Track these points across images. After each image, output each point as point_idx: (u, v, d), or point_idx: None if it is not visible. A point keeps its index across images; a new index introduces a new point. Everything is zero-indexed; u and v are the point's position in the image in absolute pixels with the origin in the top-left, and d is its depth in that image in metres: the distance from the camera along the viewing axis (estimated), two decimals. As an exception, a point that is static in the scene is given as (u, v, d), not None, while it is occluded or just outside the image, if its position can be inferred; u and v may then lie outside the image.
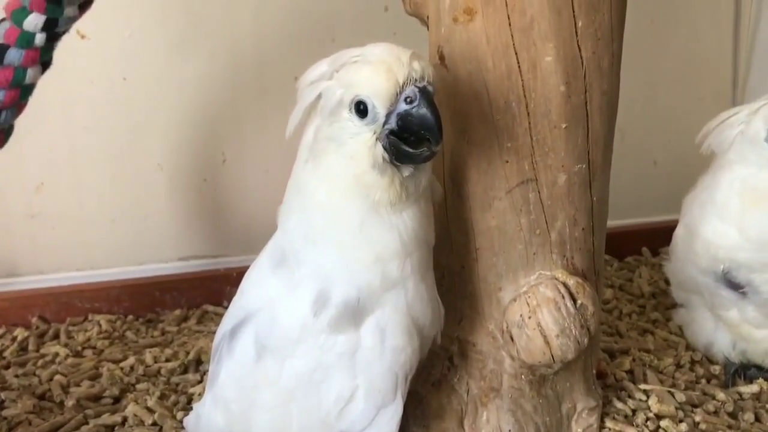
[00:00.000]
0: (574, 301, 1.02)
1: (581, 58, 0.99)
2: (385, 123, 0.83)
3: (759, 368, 1.34)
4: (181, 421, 1.18)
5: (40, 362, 1.39)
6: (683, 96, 2.11)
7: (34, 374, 1.34)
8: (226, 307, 1.65)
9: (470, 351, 1.08)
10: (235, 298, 1.01)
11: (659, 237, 1.91)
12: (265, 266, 0.96)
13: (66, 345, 1.46)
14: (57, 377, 1.32)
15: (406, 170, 0.86)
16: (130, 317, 1.61)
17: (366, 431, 0.92)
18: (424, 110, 0.82)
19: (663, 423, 1.15)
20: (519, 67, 0.98)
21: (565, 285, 1.03)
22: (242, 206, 1.80)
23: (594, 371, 1.17)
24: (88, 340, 1.49)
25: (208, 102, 1.71)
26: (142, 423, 1.17)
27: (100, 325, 1.55)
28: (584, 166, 1.03)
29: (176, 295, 1.67)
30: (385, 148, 0.84)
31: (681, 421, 1.16)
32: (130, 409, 1.20)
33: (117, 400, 1.26)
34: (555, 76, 0.98)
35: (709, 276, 1.32)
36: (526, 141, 1.00)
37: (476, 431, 1.07)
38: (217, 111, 1.73)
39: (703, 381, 1.32)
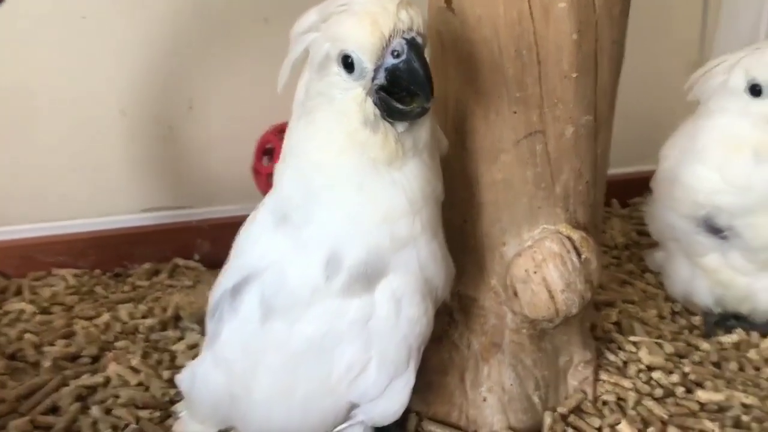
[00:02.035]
0: (579, 255, 1.01)
1: (594, 5, 0.95)
2: (374, 78, 0.78)
3: (737, 318, 1.37)
4: (168, 380, 1.13)
5: (5, 320, 1.32)
6: (653, 49, 2.11)
7: (1, 333, 1.27)
8: (198, 261, 1.62)
9: (472, 306, 1.06)
10: (233, 256, 0.96)
11: (628, 188, 1.93)
12: (267, 223, 0.90)
13: (32, 302, 1.39)
14: (27, 336, 1.25)
15: (401, 126, 0.81)
16: (97, 271, 1.54)
17: (377, 401, 0.90)
18: (412, 65, 0.77)
19: (655, 374, 1.17)
20: (531, 12, 0.94)
21: (569, 239, 1.01)
22: (209, 155, 1.72)
23: (588, 324, 1.17)
24: (55, 296, 1.42)
25: (174, 45, 1.62)
26: (126, 383, 1.13)
27: (66, 280, 1.48)
28: (591, 117, 1.01)
29: (145, 248, 1.60)
30: (375, 104, 0.79)
31: (671, 372, 1.18)
32: (113, 369, 1.15)
33: (95, 359, 1.20)
34: (567, 23, 0.94)
35: (690, 221, 1.33)
36: (535, 91, 0.97)
37: (477, 386, 1.06)
38: (183, 55, 1.63)
39: (686, 332, 1.34)
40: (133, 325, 1.30)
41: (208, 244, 1.64)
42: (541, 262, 1.00)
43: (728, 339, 1.31)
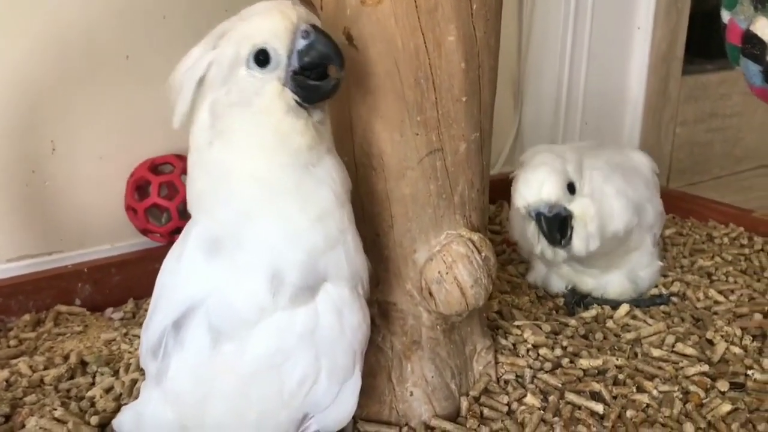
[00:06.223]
0: (480, 254, 1.15)
1: (476, 37, 1.10)
2: (288, 65, 0.88)
3: (592, 296, 1.60)
4: (98, 426, 1.12)
5: None
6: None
7: None
8: (80, 306, 1.58)
9: (391, 311, 1.17)
10: (163, 295, 0.97)
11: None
12: (197, 258, 0.93)
13: None
14: None
15: (316, 115, 0.91)
16: (-28, 329, 1.45)
17: (329, 409, 0.96)
18: (324, 39, 0.89)
19: (541, 351, 1.34)
20: (426, 46, 1.06)
21: (471, 241, 1.15)
22: (76, 197, 1.68)
23: (485, 315, 1.32)
24: (-66, 360, 1.32)
25: (32, 87, 1.57)
26: (55, 435, 1.10)
27: (-59, 343, 1.38)
28: (478, 134, 1.16)
29: (22, 299, 1.53)
30: (293, 91, 0.88)
31: (553, 347, 1.36)
32: (34, 423, 1.11)
33: (8, 418, 1.15)
34: (456, 54, 1.08)
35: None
36: (433, 114, 1.10)
37: (403, 382, 1.17)
38: (43, 96, 1.59)
39: (554, 312, 1.54)
40: (37, 377, 1.25)
41: (89, 287, 1.60)
42: (451, 264, 1.13)
43: (588, 314, 1.53)
